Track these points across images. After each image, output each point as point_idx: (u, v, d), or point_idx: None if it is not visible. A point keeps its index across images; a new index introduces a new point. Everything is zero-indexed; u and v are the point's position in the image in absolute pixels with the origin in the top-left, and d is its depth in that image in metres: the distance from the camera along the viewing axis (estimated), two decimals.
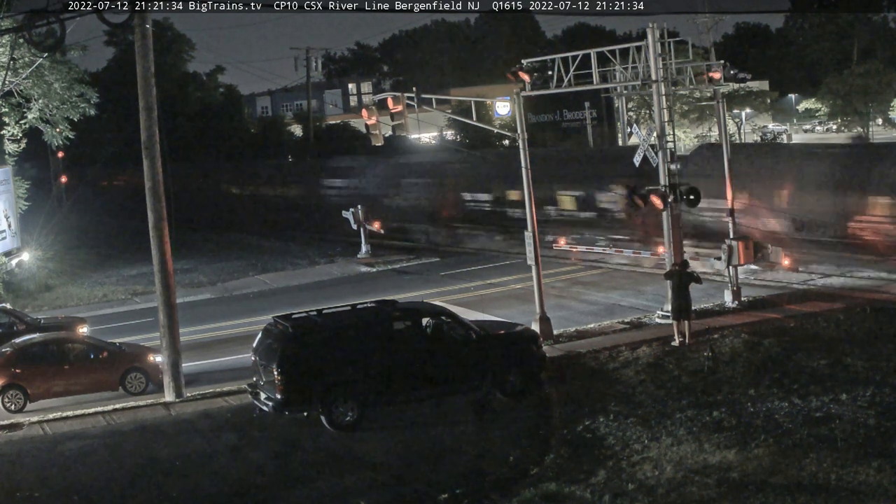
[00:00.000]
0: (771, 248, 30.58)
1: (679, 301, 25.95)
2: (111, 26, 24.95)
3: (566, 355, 25.76)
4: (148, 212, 25.18)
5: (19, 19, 31.69)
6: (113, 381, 26.01)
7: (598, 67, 28.98)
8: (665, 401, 21.17)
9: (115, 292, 41.97)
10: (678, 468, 17.44)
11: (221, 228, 62.40)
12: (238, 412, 23.18)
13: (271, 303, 35.97)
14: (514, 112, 28.88)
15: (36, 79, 40.70)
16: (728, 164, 30.48)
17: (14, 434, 23.05)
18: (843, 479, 16.27)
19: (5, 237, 41.56)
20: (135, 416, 23.89)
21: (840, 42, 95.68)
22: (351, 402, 21.55)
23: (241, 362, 25.61)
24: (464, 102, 52.23)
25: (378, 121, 30.67)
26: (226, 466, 19.98)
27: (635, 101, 63.19)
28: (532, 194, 28.12)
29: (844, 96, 77.63)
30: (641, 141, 28.57)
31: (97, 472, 20.13)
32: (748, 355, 23.85)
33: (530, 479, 17.91)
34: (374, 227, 45.57)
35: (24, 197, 45.06)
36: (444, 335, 22.74)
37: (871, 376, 21.22)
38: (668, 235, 27.97)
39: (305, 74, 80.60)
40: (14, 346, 26.28)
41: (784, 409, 19.75)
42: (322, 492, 18.35)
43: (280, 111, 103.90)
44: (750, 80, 31.82)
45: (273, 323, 22.61)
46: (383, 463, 19.58)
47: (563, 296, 33.53)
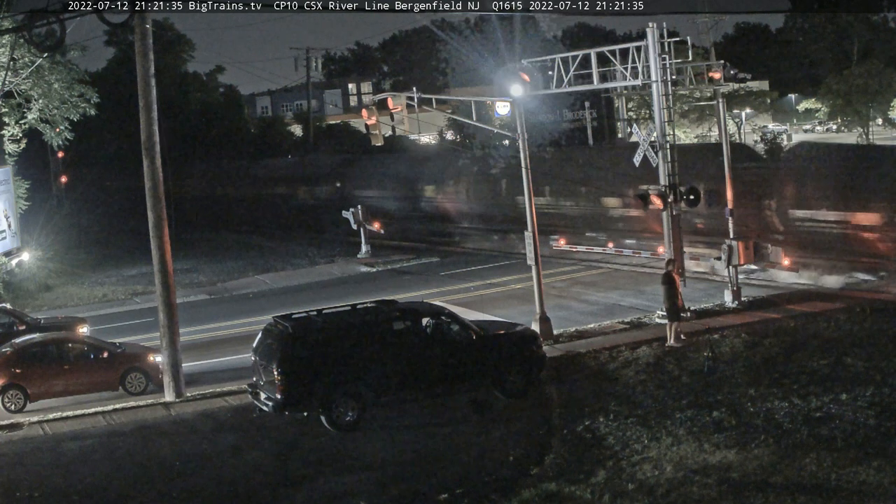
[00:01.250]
0: (771, 248, 30.58)
1: (665, 302, 26.04)
2: (111, 26, 24.95)
3: (566, 355, 25.77)
4: (148, 212, 25.19)
5: (19, 19, 31.78)
6: (113, 381, 26.01)
7: (598, 67, 29.00)
8: (665, 401, 21.18)
9: (115, 292, 41.99)
10: (678, 468, 17.44)
11: (219, 227, 62.55)
12: (238, 412, 23.19)
13: (271, 303, 35.97)
14: (514, 112, 28.89)
15: (36, 79, 40.74)
16: (728, 164, 30.49)
17: (14, 434, 23.05)
18: (843, 479, 16.26)
19: (5, 237, 41.58)
20: (135, 416, 23.89)
21: (840, 42, 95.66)
22: (351, 402, 21.56)
23: (241, 362, 25.62)
24: (464, 102, 52.18)
25: (378, 121, 30.71)
26: (226, 466, 19.98)
27: (635, 101, 63.23)
28: (532, 194, 28.12)
29: (844, 96, 77.55)
30: (641, 141, 28.58)
31: (97, 473, 20.12)
32: (748, 355, 23.86)
33: (530, 479, 17.90)
34: (374, 227, 45.58)
35: (24, 197, 45.09)
36: (444, 335, 22.74)
37: (871, 376, 21.22)
38: (668, 235, 27.98)
39: (305, 74, 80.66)
40: (14, 346, 26.29)
41: (784, 409, 19.75)
42: (322, 492, 18.35)
43: (280, 111, 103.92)
44: (750, 80, 31.94)
45: (273, 323, 22.61)
46: (383, 463, 19.57)
47: (563, 296, 33.53)
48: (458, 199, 51.39)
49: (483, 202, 50.05)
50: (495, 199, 49.00)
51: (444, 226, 51.14)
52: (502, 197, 48.20)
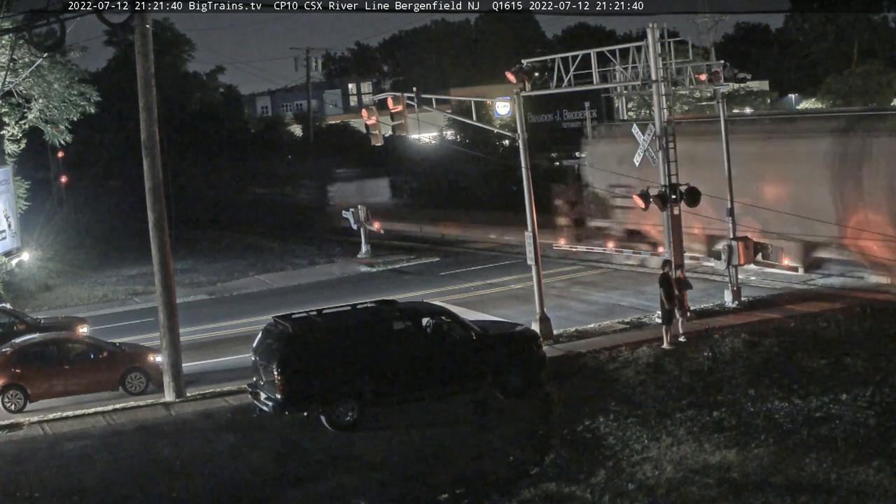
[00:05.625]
0: (771, 248, 30.58)
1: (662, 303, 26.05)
2: (111, 26, 24.95)
3: (566, 355, 25.76)
4: (148, 211, 25.19)
5: (19, 19, 31.80)
6: (113, 381, 26.01)
7: (598, 67, 29.01)
8: (665, 401, 21.18)
9: (115, 292, 41.96)
10: (678, 468, 17.44)
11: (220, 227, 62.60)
12: (238, 412, 23.19)
13: (271, 303, 35.97)
14: (514, 112, 28.89)
15: (36, 79, 40.73)
16: (728, 163, 30.48)
17: (14, 434, 23.05)
18: (843, 479, 16.27)
19: (5, 237, 41.57)
20: (135, 416, 23.89)
21: (840, 42, 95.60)
22: (351, 402, 21.56)
23: (241, 362, 25.61)
24: (464, 102, 52.20)
25: (378, 121, 30.69)
26: (226, 467, 19.98)
27: (635, 101, 63.18)
28: (532, 194, 28.13)
29: (844, 96, 77.55)
30: (642, 141, 28.57)
31: (97, 473, 20.12)
32: (748, 355, 23.85)
33: (530, 479, 17.92)
34: (374, 227, 45.57)
35: (24, 197, 45.07)
36: (444, 335, 22.74)
37: (871, 376, 21.22)
38: (668, 235, 27.97)
39: (305, 74, 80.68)
40: (14, 346, 26.29)
41: (784, 409, 19.75)
42: (322, 492, 18.36)
43: (280, 111, 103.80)
44: (750, 80, 31.87)
45: (273, 323, 22.61)
46: (383, 463, 19.58)
47: (563, 296, 33.52)
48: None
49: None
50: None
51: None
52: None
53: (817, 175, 31.04)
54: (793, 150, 32.32)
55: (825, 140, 31.28)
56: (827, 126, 32.37)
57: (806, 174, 31.49)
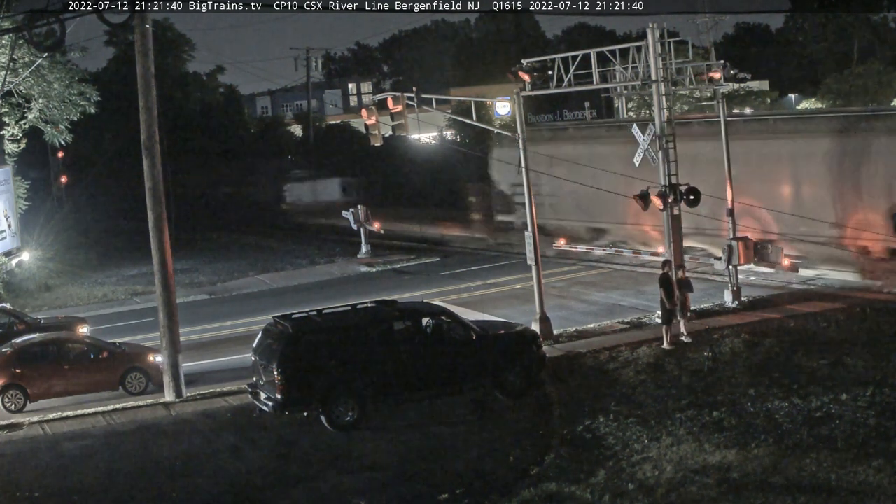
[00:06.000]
0: (771, 248, 30.56)
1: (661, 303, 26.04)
2: (111, 26, 24.98)
3: (566, 355, 25.76)
4: (148, 211, 25.19)
5: (19, 19, 31.80)
6: (113, 381, 26.01)
7: (598, 67, 28.96)
8: (665, 401, 21.18)
9: (115, 292, 41.95)
10: (678, 468, 17.44)
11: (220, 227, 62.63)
12: (238, 412, 23.19)
13: (271, 303, 35.97)
14: (514, 112, 28.88)
15: (36, 79, 40.70)
16: (728, 164, 30.47)
17: (14, 434, 23.06)
18: (843, 479, 16.27)
19: (5, 237, 41.54)
20: (135, 416, 23.90)
21: (840, 42, 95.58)
22: (351, 402, 21.57)
23: (241, 362, 25.62)
24: (464, 102, 52.19)
25: (378, 121, 30.67)
26: (226, 466, 19.99)
27: (635, 101, 63.20)
28: (531, 194, 28.12)
29: (844, 96, 77.54)
30: (641, 141, 28.56)
31: (97, 473, 20.13)
32: (748, 355, 23.85)
33: (530, 479, 17.92)
34: (374, 227, 45.56)
35: (24, 197, 45.04)
36: (444, 335, 22.74)
37: (871, 376, 21.22)
38: (669, 235, 27.95)
39: (305, 74, 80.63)
40: (14, 346, 26.28)
41: (784, 409, 19.75)
42: (322, 492, 18.36)
43: (280, 111, 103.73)
44: (750, 80, 31.84)
45: (273, 323, 22.62)
46: (383, 463, 19.58)
47: (563, 296, 33.51)
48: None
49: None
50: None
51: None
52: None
53: (818, 175, 31.01)
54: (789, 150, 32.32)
55: (824, 139, 31.25)
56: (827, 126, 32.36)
57: (806, 174, 31.46)
